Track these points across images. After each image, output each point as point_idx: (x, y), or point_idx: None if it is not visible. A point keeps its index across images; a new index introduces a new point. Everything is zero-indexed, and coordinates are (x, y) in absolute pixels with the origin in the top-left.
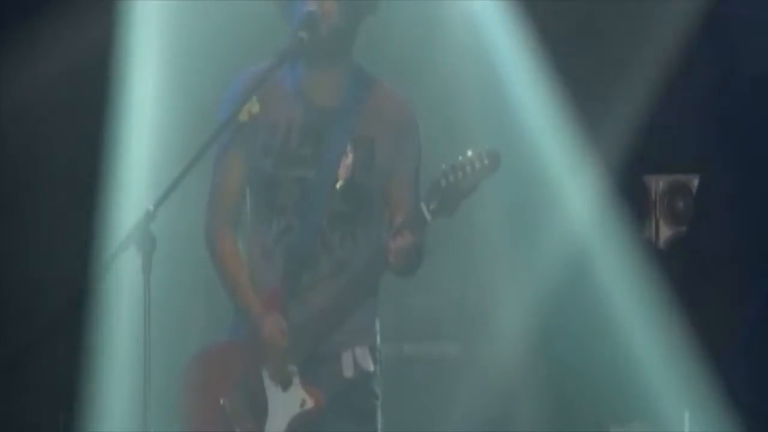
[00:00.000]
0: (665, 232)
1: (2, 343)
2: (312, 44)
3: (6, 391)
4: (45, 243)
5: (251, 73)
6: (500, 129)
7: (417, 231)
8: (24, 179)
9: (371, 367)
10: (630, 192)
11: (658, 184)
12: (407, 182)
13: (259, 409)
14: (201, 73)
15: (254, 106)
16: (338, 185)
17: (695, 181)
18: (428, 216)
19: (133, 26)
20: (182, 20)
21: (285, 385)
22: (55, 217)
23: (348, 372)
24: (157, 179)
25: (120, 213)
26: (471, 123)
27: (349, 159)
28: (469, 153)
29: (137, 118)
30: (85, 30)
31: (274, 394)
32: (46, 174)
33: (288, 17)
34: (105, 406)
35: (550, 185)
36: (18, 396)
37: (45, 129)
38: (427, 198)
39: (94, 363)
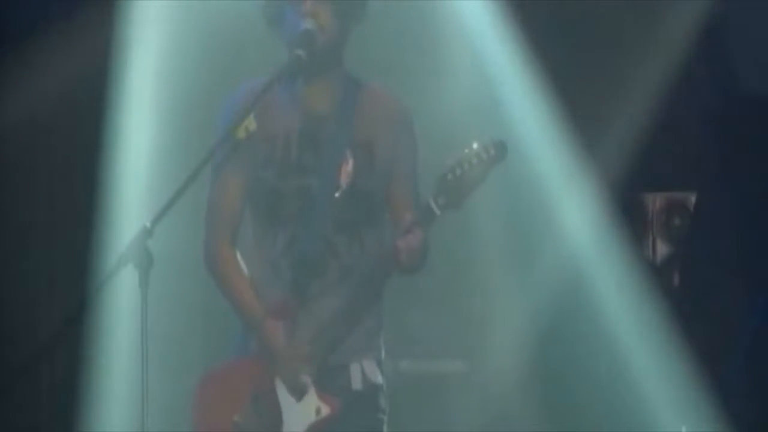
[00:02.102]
0: (662, 250)
1: (1, 358)
2: (309, 60)
3: (4, 407)
4: (43, 259)
5: (249, 88)
6: None
7: (427, 227)
8: (21, 194)
9: (379, 380)
10: (627, 209)
11: (655, 201)
12: (405, 180)
13: (273, 422)
14: (202, 86)
15: (251, 124)
16: (341, 192)
17: (692, 199)
18: (437, 210)
19: (132, 35)
20: (182, 27)
21: (300, 395)
22: (53, 233)
23: (357, 384)
24: (154, 196)
25: (117, 230)
26: (464, 137)
27: (349, 165)
28: (475, 145)
29: (135, 135)
30: (84, 40)
31: (288, 404)
32: (43, 189)
33: (278, 26)
34: (103, 421)
35: (548, 203)
36: (16, 413)
37: (43, 143)
38: (435, 193)
39: (93, 379)
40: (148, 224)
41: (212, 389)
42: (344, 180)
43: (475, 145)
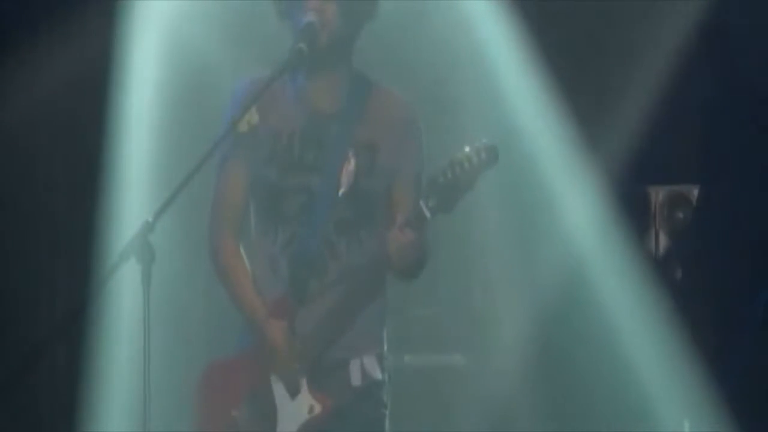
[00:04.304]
0: (664, 243)
1: (2, 355)
2: (312, 54)
3: (6, 402)
4: (45, 254)
5: (253, 82)
6: (500, 141)
7: (418, 228)
8: (23, 189)
9: (379, 376)
10: (630, 202)
11: (657, 194)
12: (410, 184)
13: (269, 418)
14: (202, 81)
15: (253, 117)
16: (342, 192)
17: (695, 192)
18: (427, 213)
19: (133, 34)
20: (183, 25)
21: (293, 392)
22: (55, 227)
23: (356, 380)
24: (156, 190)
25: (119, 224)
26: (469, 132)
27: (351, 165)
28: (467, 149)
29: (137, 130)
30: (85, 39)
31: (283, 401)
32: (45, 183)
33: (288, 21)
34: (105, 417)
35: (550, 197)
36: (18, 407)
37: (45, 139)
38: (425, 195)
39: (94, 374)
40: (150, 219)
41: (213, 382)
42: (346, 180)
43: (466, 149)
